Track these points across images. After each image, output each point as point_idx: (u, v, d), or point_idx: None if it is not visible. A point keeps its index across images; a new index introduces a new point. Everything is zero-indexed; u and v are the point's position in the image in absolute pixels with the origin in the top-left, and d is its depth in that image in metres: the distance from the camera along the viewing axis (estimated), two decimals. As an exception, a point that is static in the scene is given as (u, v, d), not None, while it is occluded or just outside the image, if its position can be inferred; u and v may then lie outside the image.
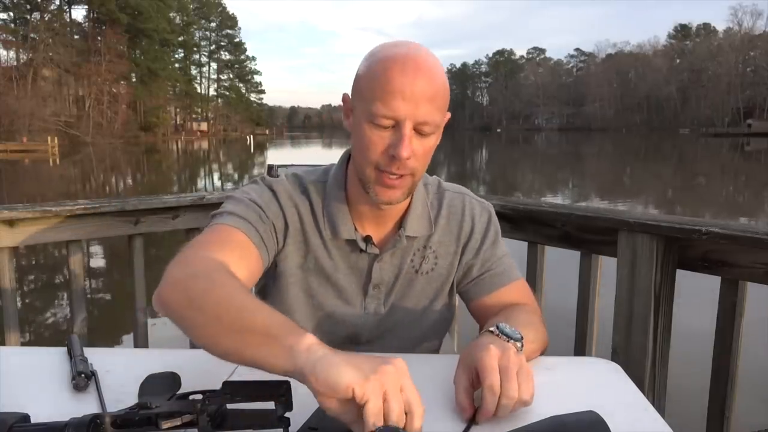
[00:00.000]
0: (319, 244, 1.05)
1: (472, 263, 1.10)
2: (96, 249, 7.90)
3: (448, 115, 0.98)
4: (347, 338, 1.08)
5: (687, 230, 1.50)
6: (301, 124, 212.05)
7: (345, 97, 1.00)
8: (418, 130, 0.91)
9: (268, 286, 1.10)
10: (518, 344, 0.83)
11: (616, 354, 1.69)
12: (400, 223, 1.06)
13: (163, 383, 0.75)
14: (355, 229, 1.04)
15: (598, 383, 0.91)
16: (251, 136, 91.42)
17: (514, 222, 1.96)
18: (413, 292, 1.09)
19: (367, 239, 1.04)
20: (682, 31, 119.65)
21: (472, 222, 1.10)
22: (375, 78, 0.90)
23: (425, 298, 1.10)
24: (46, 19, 69.24)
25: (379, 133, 0.91)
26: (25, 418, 0.67)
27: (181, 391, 0.73)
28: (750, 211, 12.68)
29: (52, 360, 0.99)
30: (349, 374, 0.61)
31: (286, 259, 1.05)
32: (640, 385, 1.29)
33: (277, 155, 39.25)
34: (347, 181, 1.05)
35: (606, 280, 1.79)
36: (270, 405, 0.64)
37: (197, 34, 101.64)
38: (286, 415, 0.65)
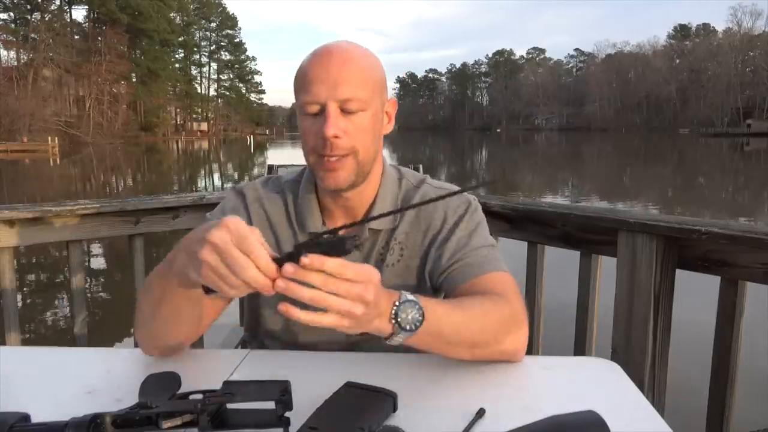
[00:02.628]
0: (290, 242, 1.09)
1: (440, 253, 1.04)
2: (96, 249, 7.90)
3: (393, 101, 1.05)
4: (327, 340, 1.06)
5: (687, 230, 1.51)
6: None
7: (294, 105, 1.06)
8: (344, 109, 0.95)
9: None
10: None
11: (615, 353, 1.69)
12: (367, 216, 1.07)
13: (164, 383, 0.75)
14: (323, 223, 1.07)
15: (597, 383, 0.91)
16: (251, 136, 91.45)
17: (514, 222, 1.96)
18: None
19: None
20: (682, 31, 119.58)
21: (445, 215, 1.07)
22: (298, 76, 0.99)
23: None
24: (47, 19, 69.21)
25: (310, 121, 0.97)
26: (26, 417, 0.67)
27: (181, 390, 0.73)
28: (750, 211, 12.69)
29: (52, 360, 0.99)
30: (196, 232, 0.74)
31: None
32: (639, 384, 1.29)
33: (277, 155, 39.25)
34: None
35: (606, 280, 1.79)
36: (270, 405, 0.64)
37: (197, 34, 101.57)
38: (286, 414, 0.65)
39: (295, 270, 0.67)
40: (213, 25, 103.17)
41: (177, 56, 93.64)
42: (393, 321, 0.76)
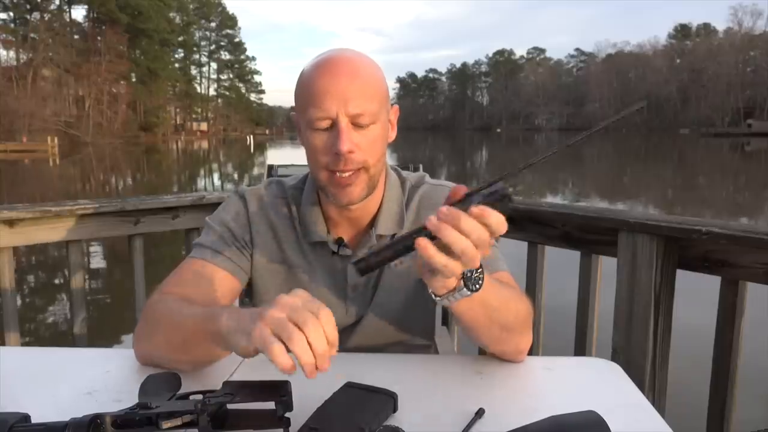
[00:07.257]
0: (295, 250, 1.07)
1: None
2: (96, 249, 7.90)
3: (395, 108, 1.04)
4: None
5: (687, 230, 1.51)
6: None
7: (292, 116, 1.04)
8: (355, 123, 0.93)
9: (253, 303, 1.13)
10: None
11: (616, 354, 1.69)
12: (373, 223, 1.05)
13: (164, 383, 0.75)
14: (328, 231, 1.05)
15: (598, 383, 0.91)
16: (251, 136, 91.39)
17: (514, 222, 1.96)
18: (386, 289, 1.06)
19: (339, 241, 1.05)
20: (682, 31, 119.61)
21: None
22: (304, 88, 0.95)
23: (400, 293, 1.06)
24: (46, 19, 69.34)
25: (320, 136, 0.94)
26: (26, 418, 0.67)
27: (181, 391, 0.73)
28: (750, 211, 12.68)
29: (52, 360, 0.99)
30: (239, 339, 0.69)
31: (257, 270, 1.08)
32: (640, 385, 1.29)
33: (277, 155, 39.21)
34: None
35: (606, 280, 1.79)
36: (270, 405, 0.64)
37: (197, 34, 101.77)
38: (287, 415, 0.65)
39: (449, 211, 0.65)
40: (213, 24, 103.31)
41: (177, 56, 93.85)
42: (460, 276, 0.74)
